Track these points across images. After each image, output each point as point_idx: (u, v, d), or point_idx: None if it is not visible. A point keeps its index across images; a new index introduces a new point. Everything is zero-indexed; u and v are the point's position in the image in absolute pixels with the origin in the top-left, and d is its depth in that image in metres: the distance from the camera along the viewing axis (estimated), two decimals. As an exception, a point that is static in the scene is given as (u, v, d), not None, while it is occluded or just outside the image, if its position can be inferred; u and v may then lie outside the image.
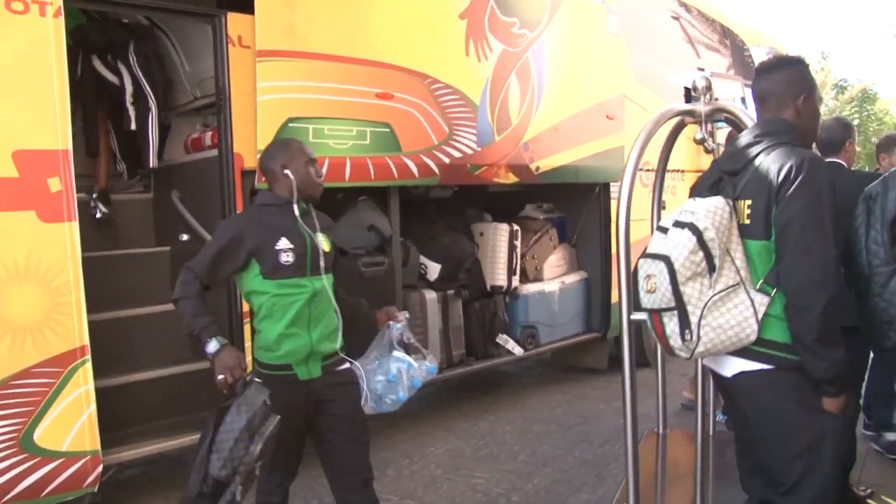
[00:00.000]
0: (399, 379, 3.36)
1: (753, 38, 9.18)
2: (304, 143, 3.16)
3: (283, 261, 2.91)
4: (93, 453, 3.62)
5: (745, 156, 2.55)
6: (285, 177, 2.99)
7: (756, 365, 2.43)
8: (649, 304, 2.50)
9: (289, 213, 2.99)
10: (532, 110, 5.76)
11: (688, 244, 2.37)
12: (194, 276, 2.87)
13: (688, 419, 5.18)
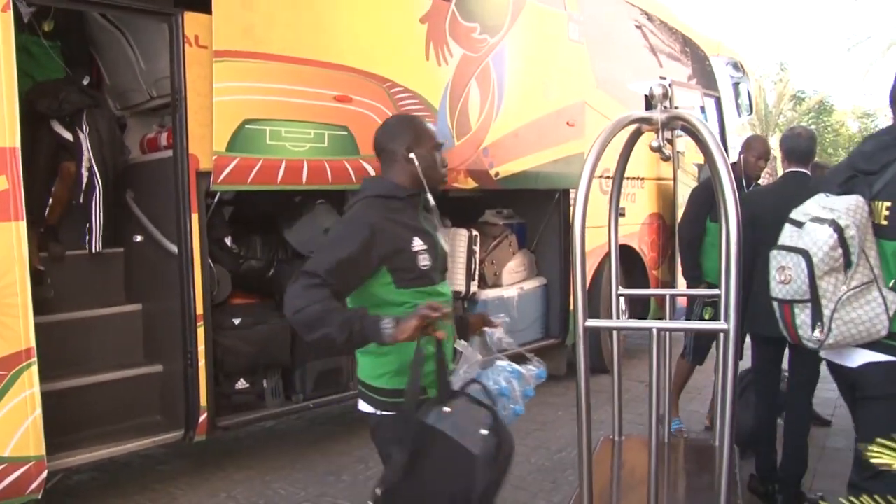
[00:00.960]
0: (511, 390, 2.85)
1: (714, 49, 9.29)
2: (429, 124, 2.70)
3: (423, 265, 2.49)
4: (37, 458, 3.53)
5: (884, 157, 2.62)
6: (408, 161, 2.54)
7: (885, 357, 2.58)
8: (782, 294, 2.69)
9: (412, 206, 2.58)
10: (492, 116, 5.76)
11: (829, 240, 2.51)
12: (322, 280, 2.26)
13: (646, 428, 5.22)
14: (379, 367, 2.50)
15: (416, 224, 2.54)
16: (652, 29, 8.06)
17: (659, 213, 7.93)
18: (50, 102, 4.42)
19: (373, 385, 2.52)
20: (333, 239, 2.41)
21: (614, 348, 4.04)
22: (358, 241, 2.35)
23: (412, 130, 2.61)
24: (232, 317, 4.65)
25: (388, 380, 2.48)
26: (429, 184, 2.56)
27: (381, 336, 2.23)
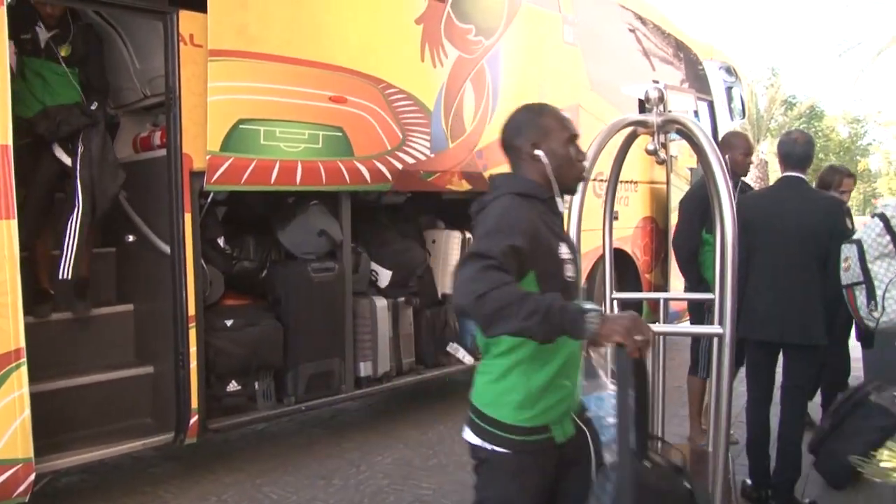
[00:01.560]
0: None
1: (707, 53, 9.30)
2: (562, 113, 2.37)
3: (568, 276, 2.17)
4: (25, 461, 3.50)
5: None
6: (535, 159, 2.24)
7: None
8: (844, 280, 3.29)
9: (551, 209, 2.25)
10: (487, 118, 5.74)
11: (875, 228, 3.15)
12: (499, 262, 1.91)
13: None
14: (499, 395, 2.14)
15: (559, 230, 2.25)
16: (645, 32, 8.06)
17: (652, 217, 7.93)
18: (48, 125, 4.29)
19: (488, 415, 2.14)
20: (496, 226, 2.03)
21: (607, 353, 4.02)
22: (520, 232, 2.02)
23: (539, 123, 2.27)
24: (224, 318, 4.62)
25: (510, 412, 2.12)
26: (560, 183, 2.24)
27: (583, 330, 1.86)
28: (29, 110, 4.31)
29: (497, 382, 2.14)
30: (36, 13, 4.32)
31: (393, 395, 6.50)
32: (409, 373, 5.64)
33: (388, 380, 5.43)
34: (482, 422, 2.15)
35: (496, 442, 2.13)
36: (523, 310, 1.83)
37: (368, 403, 6.42)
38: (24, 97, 4.32)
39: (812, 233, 3.87)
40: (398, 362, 5.52)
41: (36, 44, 4.34)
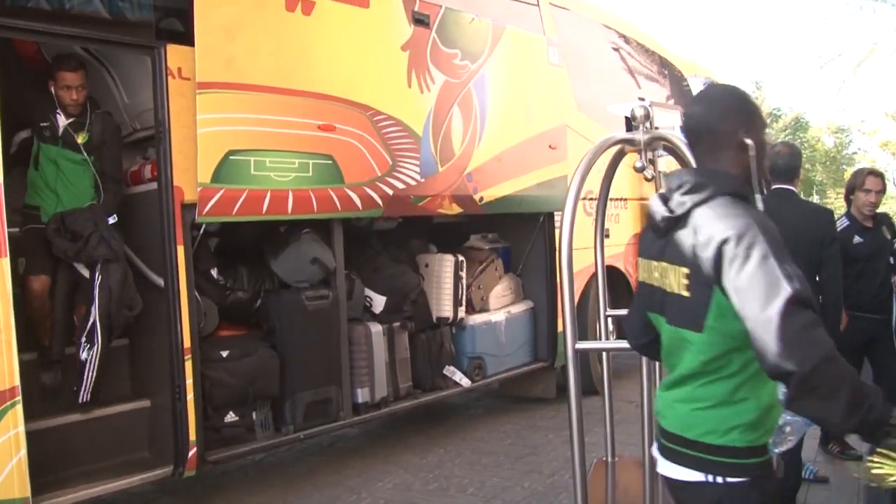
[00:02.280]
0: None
1: (690, 69, 9.39)
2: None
3: None
4: (22, 500, 3.47)
5: None
6: (742, 149, 1.93)
7: None
8: None
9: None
10: (475, 141, 5.78)
11: None
12: (816, 313, 1.67)
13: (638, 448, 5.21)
14: (726, 419, 1.86)
15: None
16: (629, 51, 8.14)
17: (643, 234, 7.95)
18: (66, 248, 4.18)
19: (714, 444, 1.86)
20: (776, 249, 1.71)
21: (604, 369, 4.04)
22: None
23: (747, 108, 1.99)
24: (220, 349, 4.61)
25: (741, 434, 1.85)
26: (758, 180, 1.94)
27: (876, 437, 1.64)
28: (41, 199, 4.33)
29: (721, 407, 1.87)
30: (55, 101, 4.31)
31: (391, 421, 6.48)
32: (407, 397, 5.63)
33: (385, 405, 5.42)
34: (707, 453, 1.87)
35: (732, 472, 1.86)
36: (853, 398, 1.60)
37: (367, 429, 6.41)
38: (38, 185, 4.35)
39: (804, 243, 3.89)
40: (395, 387, 5.51)
41: (54, 131, 4.33)
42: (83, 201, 4.37)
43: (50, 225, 4.24)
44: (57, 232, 4.22)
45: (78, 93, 4.30)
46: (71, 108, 4.32)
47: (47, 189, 4.34)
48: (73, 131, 4.34)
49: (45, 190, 4.34)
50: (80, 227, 4.19)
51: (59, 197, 4.34)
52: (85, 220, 4.21)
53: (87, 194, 4.40)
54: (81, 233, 4.16)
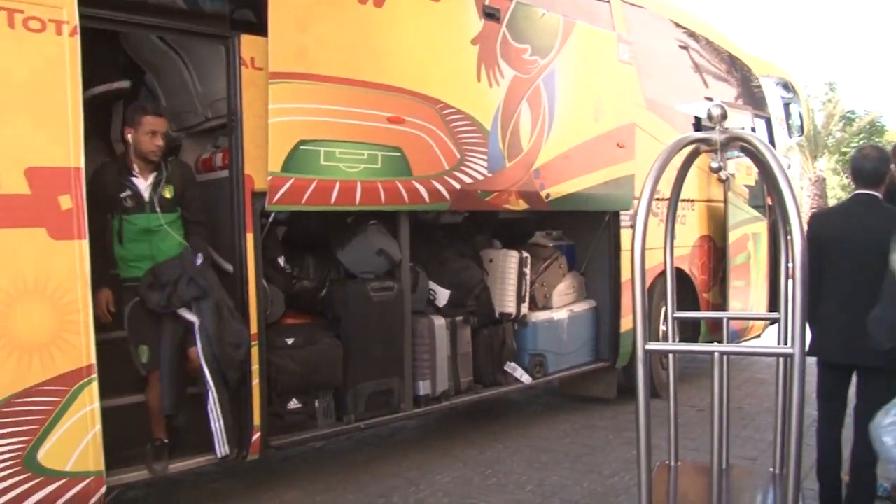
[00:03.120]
0: None
1: (763, 69, 9.19)
2: None
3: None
4: (97, 474, 3.59)
5: None
6: None
7: None
8: None
9: None
10: (543, 137, 5.74)
11: None
12: None
13: (699, 453, 5.13)
14: None
15: None
16: (698, 49, 8.01)
17: (709, 236, 7.83)
18: (158, 298, 4.08)
19: None
20: None
21: (670, 372, 3.98)
22: None
23: None
24: (285, 336, 4.67)
25: None
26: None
27: None
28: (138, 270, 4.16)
29: None
30: (127, 167, 4.18)
31: (451, 414, 6.50)
32: (468, 392, 5.63)
33: (446, 399, 5.43)
34: None
35: None
36: None
37: (427, 422, 6.43)
38: (129, 259, 4.18)
39: (884, 251, 3.77)
40: (456, 381, 5.52)
41: (138, 198, 4.15)
42: (176, 251, 4.24)
43: (144, 282, 4.11)
44: (151, 287, 4.11)
45: (161, 138, 4.19)
46: (152, 156, 4.17)
47: (143, 259, 4.18)
48: (158, 189, 4.19)
49: (141, 260, 4.18)
50: (169, 276, 4.09)
51: (155, 259, 4.20)
52: (173, 268, 4.13)
53: (178, 244, 4.28)
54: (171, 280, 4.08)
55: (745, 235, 8.02)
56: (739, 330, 8.00)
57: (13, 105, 3.42)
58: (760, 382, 7.78)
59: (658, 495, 3.57)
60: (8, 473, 3.37)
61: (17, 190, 3.41)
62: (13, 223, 3.41)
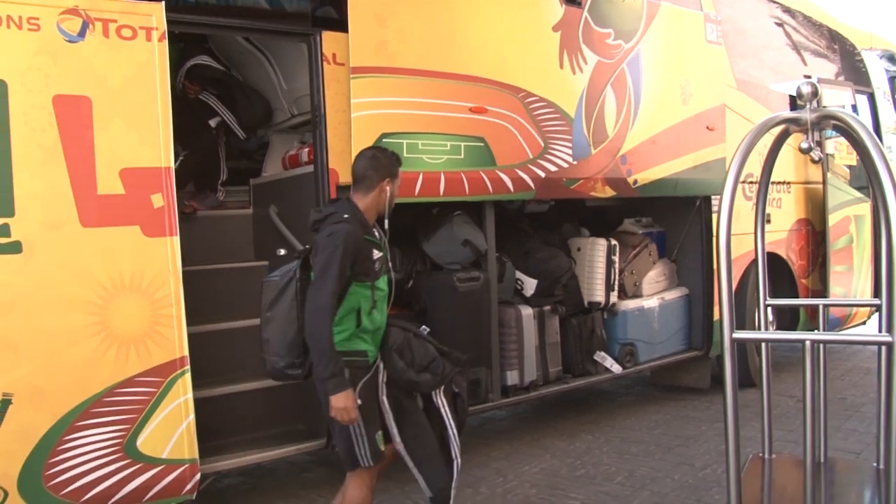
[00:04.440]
0: None
1: (865, 42, 8.78)
2: None
3: None
4: (191, 461, 3.71)
5: None
6: None
7: None
8: None
9: None
10: (629, 122, 5.64)
11: None
12: None
13: (798, 446, 4.97)
14: None
15: None
16: (794, 25, 7.71)
17: (808, 219, 7.56)
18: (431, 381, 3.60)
19: None
20: None
21: (763, 361, 3.86)
22: None
23: None
24: (371, 327, 4.72)
25: None
26: None
27: None
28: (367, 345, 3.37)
29: None
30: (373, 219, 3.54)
31: (539, 404, 6.47)
32: (556, 382, 5.59)
33: (534, 389, 5.41)
34: None
35: None
36: None
37: (515, 412, 6.42)
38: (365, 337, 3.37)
39: None
40: (545, 371, 5.49)
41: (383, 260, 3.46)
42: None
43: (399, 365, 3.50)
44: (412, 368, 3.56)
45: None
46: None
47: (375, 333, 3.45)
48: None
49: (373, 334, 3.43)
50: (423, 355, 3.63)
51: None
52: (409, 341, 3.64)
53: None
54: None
55: (846, 218, 7.71)
56: (841, 317, 7.70)
57: (109, 110, 3.56)
58: (867, 371, 7.47)
59: (751, 489, 3.48)
60: (110, 459, 3.52)
61: (114, 190, 3.56)
62: (110, 222, 3.55)
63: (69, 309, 3.44)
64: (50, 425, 3.39)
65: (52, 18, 3.41)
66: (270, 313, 3.36)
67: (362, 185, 3.43)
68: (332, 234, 3.20)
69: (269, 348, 3.37)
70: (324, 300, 3.13)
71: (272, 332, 3.35)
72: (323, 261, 3.16)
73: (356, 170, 3.47)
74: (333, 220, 3.29)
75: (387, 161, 3.48)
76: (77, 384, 3.46)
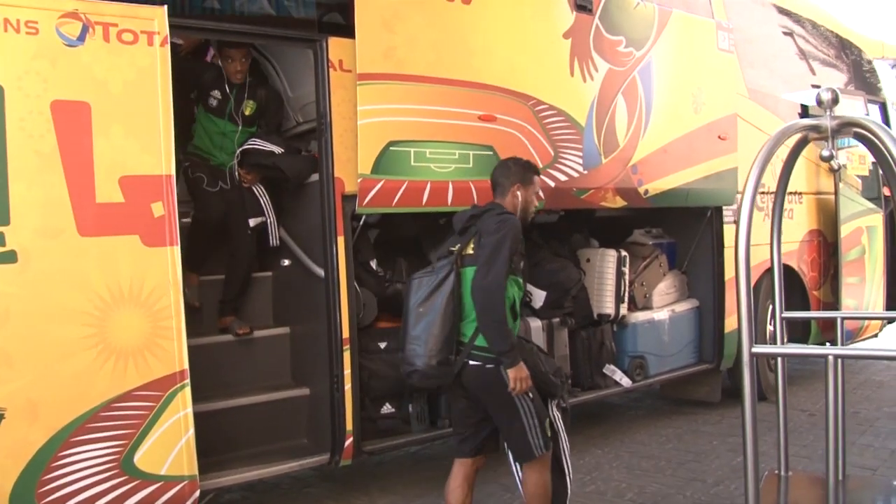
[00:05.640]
0: None
1: (877, 51, 8.69)
2: None
3: None
4: (191, 478, 3.61)
5: None
6: None
7: None
8: None
9: None
10: (640, 131, 5.55)
11: None
12: None
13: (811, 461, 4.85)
14: None
15: None
16: (802, 33, 7.63)
17: (819, 230, 7.46)
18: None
19: None
20: None
21: (779, 375, 3.76)
22: None
23: None
24: (378, 340, 4.63)
25: None
26: None
27: None
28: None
29: None
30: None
31: (547, 419, 6.35)
32: (565, 395, 5.47)
33: (543, 403, 5.29)
34: None
35: None
36: None
37: (522, 426, 6.29)
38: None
39: None
40: (553, 385, 5.37)
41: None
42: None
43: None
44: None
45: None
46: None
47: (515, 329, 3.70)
48: (238, 103, 4.70)
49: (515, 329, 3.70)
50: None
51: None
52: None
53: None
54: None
55: (858, 229, 7.61)
56: (853, 329, 7.58)
57: (109, 116, 3.47)
58: (879, 385, 7.36)
59: (768, 508, 3.38)
60: (106, 476, 3.42)
61: (113, 198, 3.47)
62: (109, 231, 3.46)
63: (66, 320, 3.34)
64: (44, 441, 3.28)
65: (51, 22, 3.32)
66: (423, 308, 3.48)
67: (497, 191, 3.84)
68: (503, 222, 3.50)
69: (420, 347, 3.47)
70: (499, 277, 3.38)
71: (424, 328, 3.46)
72: (494, 243, 3.42)
73: (492, 177, 3.89)
74: (497, 211, 3.62)
75: (518, 169, 3.83)
76: (73, 398, 3.35)
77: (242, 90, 4.70)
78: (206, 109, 4.72)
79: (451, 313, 3.45)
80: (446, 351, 3.46)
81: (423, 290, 3.50)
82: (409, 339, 3.51)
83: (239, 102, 4.71)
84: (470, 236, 3.59)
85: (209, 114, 4.72)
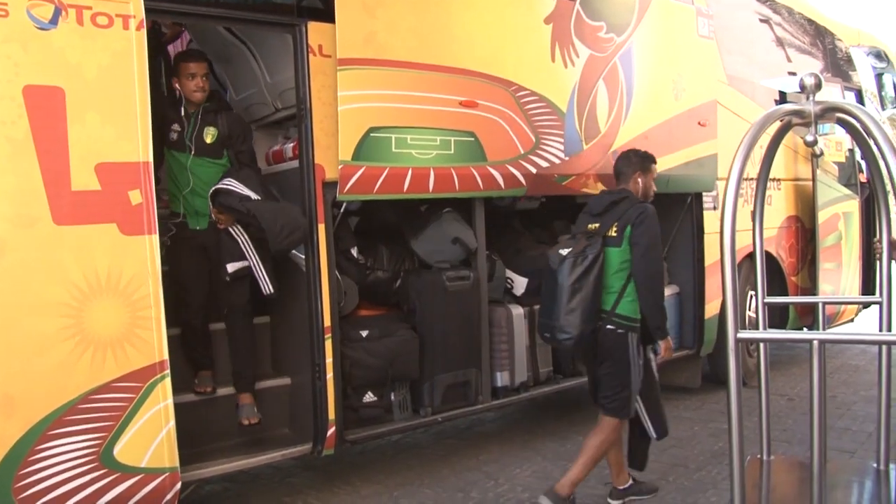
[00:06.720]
0: None
1: (853, 38, 8.72)
2: None
3: None
4: (172, 470, 3.56)
5: None
6: None
7: None
8: None
9: None
10: (621, 117, 5.53)
11: None
12: None
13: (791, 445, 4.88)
14: None
15: None
16: (779, 21, 7.63)
17: (797, 216, 7.50)
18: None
19: None
20: None
21: (761, 361, 3.76)
22: None
23: None
24: (359, 329, 4.59)
25: None
26: None
27: None
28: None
29: None
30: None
31: (530, 406, 6.36)
32: (547, 382, 5.47)
33: (525, 390, 5.28)
34: None
35: None
36: None
37: (505, 414, 6.30)
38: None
39: None
40: (535, 372, 5.36)
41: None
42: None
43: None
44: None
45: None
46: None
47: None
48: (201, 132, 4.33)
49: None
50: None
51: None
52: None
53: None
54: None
55: (835, 215, 7.66)
56: (830, 314, 7.65)
57: (83, 102, 3.39)
58: (855, 369, 7.43)
59: (750, 492, 3.38)
60: (85, 469, 3.36)
61: (89, 186, 3.40)
62: (85, 219, 3.39)
63: (42, 311, 3.28)
64: (21, 434, 3.22)
65: (22, 4, 3.24)
66: (578, 284, 3.91)
67: (620, 178, 4.33)
68: (644, 213, 3.99)
69: (577, 318, 3.90)
70: (659, 265, 4.08)
71: (579, 301, 3.91)
72: (652, 234, 3.97)
73: (615, 167, 4.40)
74: (634, 200, 4.13)
75: (637, 159, 4.33)
76: (50, 390, 3.29)
77: (200, 115, 4.32)
78: (168, 146, 4.32)
79: (599, 288, 3.95)
80: (596, 319, 3.96)
81: (578, 268, 3.91)
82: (564, 311, 3.91)
83: (199, 129, 4.32)
84: (612, 219, 4.03)
85: (172, 150, 4.33)
